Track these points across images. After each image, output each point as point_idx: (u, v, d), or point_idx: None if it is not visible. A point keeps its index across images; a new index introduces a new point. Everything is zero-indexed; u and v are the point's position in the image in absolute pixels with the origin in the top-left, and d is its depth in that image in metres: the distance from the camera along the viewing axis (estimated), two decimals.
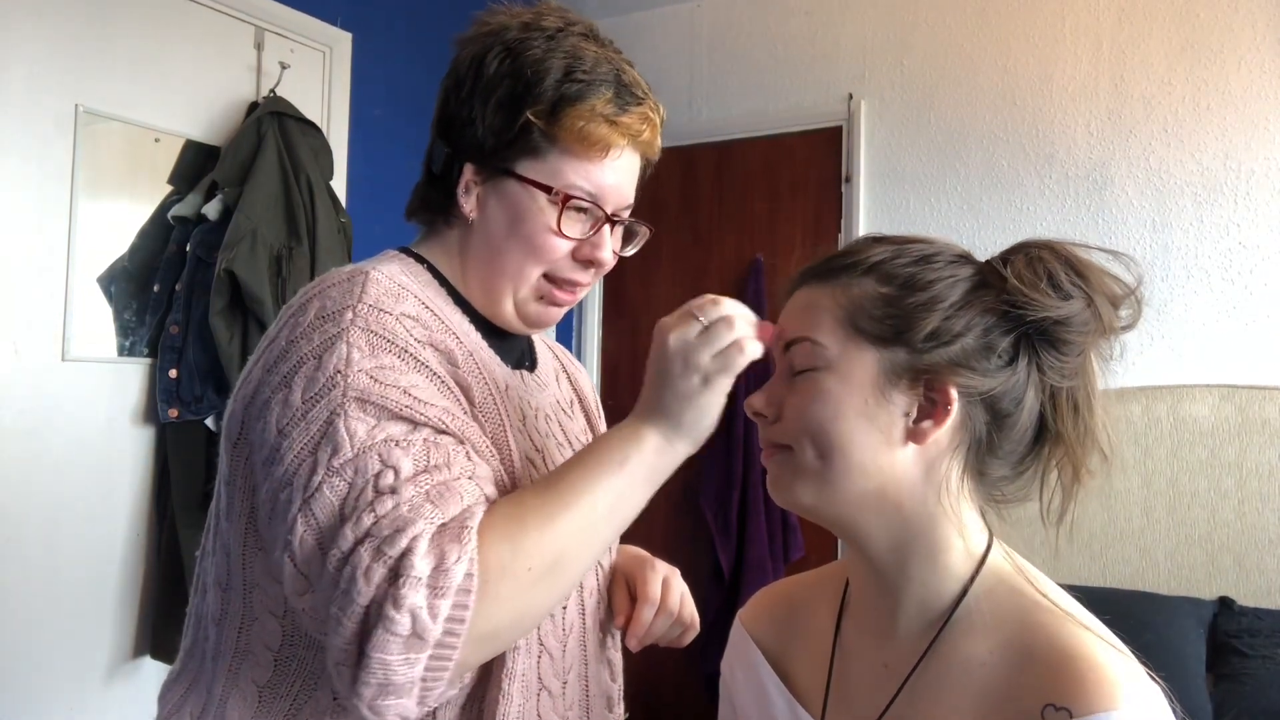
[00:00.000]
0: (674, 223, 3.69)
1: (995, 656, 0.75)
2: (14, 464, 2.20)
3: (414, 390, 0.82)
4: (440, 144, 1.00)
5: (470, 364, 0.92)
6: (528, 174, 0.95)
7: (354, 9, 2.96)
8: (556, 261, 0.98)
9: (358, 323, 0.84)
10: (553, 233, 0.96)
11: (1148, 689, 0.71)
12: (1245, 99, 2.78)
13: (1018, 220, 3.05)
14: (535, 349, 1.14)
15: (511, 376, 1.02)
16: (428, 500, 0.76)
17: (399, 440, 0.79)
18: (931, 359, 0.77)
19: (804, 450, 0.79)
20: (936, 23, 3.21)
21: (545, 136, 0.95)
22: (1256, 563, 2.63)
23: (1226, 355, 2.76)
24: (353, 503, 0.76)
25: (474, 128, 0.96)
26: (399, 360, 0.84)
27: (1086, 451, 0.79)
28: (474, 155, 0.97)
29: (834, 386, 0.78)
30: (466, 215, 0.98)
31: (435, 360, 0.87)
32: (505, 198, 0.97)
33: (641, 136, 0.99)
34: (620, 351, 3.78)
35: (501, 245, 0.97)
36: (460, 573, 0.73)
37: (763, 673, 0.91)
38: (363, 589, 0.72)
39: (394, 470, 0.77)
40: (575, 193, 0.96)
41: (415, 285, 0.94)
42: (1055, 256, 0.78)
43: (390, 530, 0.74)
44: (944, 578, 0.80)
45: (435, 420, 0.82)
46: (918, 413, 0.78)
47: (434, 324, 0.90)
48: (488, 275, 0.99)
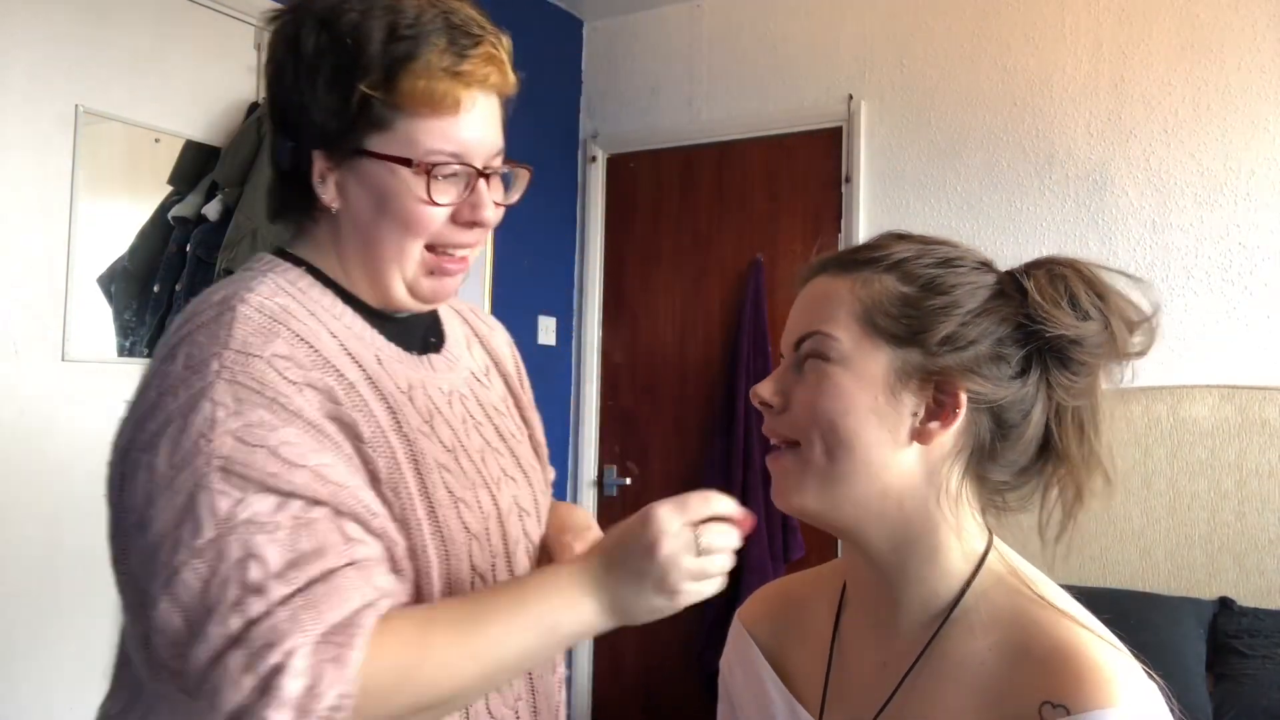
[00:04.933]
0: (674, 223, 3.69)
1: (993, 654, 0.75)
2: (14, 464, 2.20)
3: (284, 450, 0.78)
4: (281, 138, 0.92)
5: (356, 394, 0.86)
6: (381, 149, 0.88)
7: None
8: (436, 231, 0.91)
9: (223, 375, 0.79)
10: (425, 203, 0.89)
11: (1145, 686, 0.71)
12: (1245, 99, 2.78)
13: (1018, 220, 3.05)
14: (441, 323, 1.06)
15: (416, 369, 0.96)
16: (305, 606, 0.72)
17: (264, 523, 0.75)
18: (944, 362, 0.77)
19: (811, 446, 0.78)
20: (936, 23, 3.21)
21: (387, 106, 0.87)
22: (1256, 563, 2.63)
23: (1226, 356, 2.76)
24: (218, 594, 0.72)
25: (309, 113, 0.88)
26: (269, 414, 0.79)
27: (1090, 472, 0.80)
28: (319, 142, 0.89)
29: (846, 381, 0.78)
30: (329, 206, 0.91)
31: (313, 404, 0.82)
32: (365, 179, 0.90)
33: (490, 80, 0.91)
34: (620, 351, 3.78)
35: (374, 229, 0.91)
36: (333, 697, 0.70)
37: (761, 671, 0.91)
38: (230, 696, 0.70)
39: (259, 561, 0.73)
40: (437, 158, 0.88)
41: (295, 300, 0.89)
42: (1078, 276, 0.78)
43: (262, 643, 0.71)
44: (943, 577, 0.80)
45: (305, 489, 0.77)
46: (925, 413, 0.78)
47: (308, 360, 0.84)
48: (368, 262, 0.93)
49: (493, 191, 0.94)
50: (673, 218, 3.70)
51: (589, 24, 3.86)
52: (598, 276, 3.81)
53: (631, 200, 3.79)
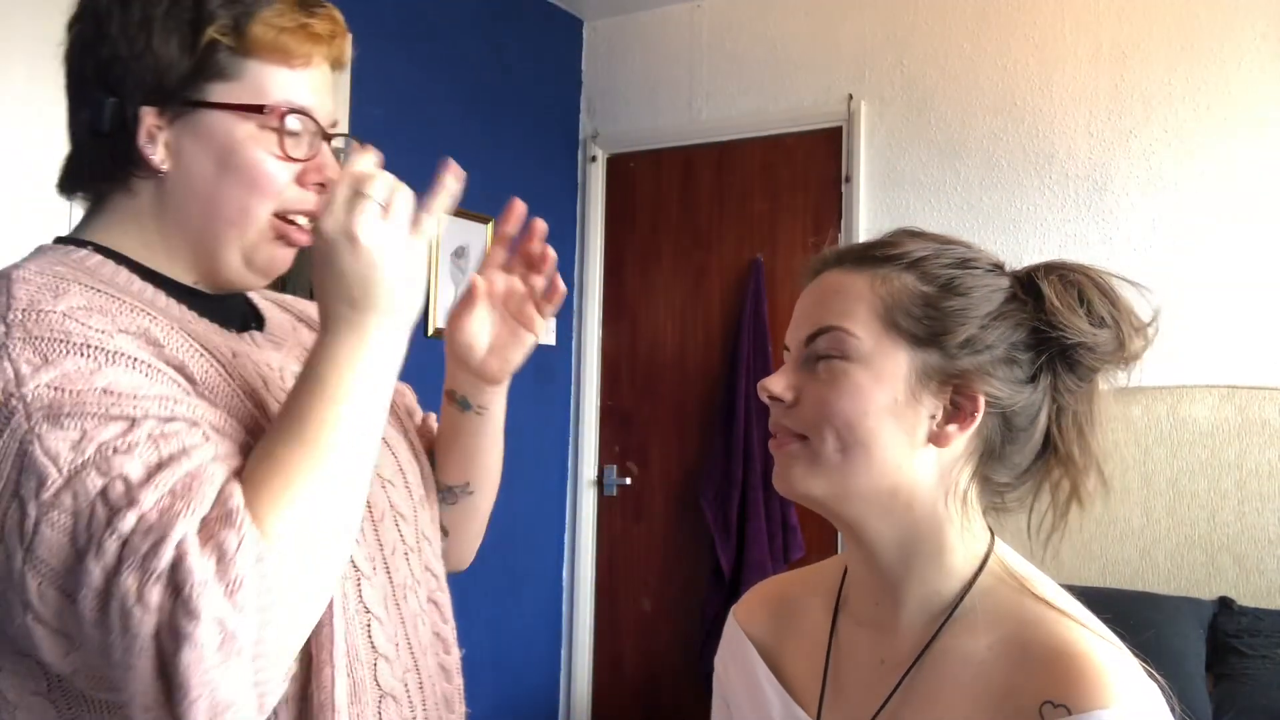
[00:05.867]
0: (674, 223, 3.69)
1: (994, 653, 0.75)
2: None
3: (115, 387, 0.70)
4: (100, 94, 0.82)
5: (177, 339, 0.80)
6: (227, 99, 0.82)
7: (354, 9, 2.96)
8: (283, 194, 0.85)
9: (15, 334, 0.71)
10: (276, 158, 0.83)
11: (1145, 686, 0.71)
12: (1245, 99, 2.78)
13: (1018, 220, 3.05)
14: (258, 309, 1.00)
15: (239, 341, 0.89)
16: (177, 498, 0.66)
17: (116, 445, 0.68)
18: (962, 365, 0.77)
19: (824, 442, 0.77)
20: (936, 23, 3.20)
21: (235, 53, 0.82)
22: (1256, 563, 2.63)
23: (1226, 356, 2.76)
24: (85, 532, 0.65)
25: (140, 63, 0.81)
26: (84, 360, 0.71)
27: (1088, 474, 0.80)
28: (150, 96, 0.82)
29: (865, 381, 0.77)
30: (157, 168, 0.83)
31: (132, 345, 0.75)
32: (204, 134, 0.83)
33: (335, 42, 0.88)
34: (620, 351, 3.78)
35: (214, 189, 0.83)
36: (250, 557, 0.65)
37: (757, 669, 0.91)
38: (142, 619, 0.63)
39: (122, 479, 0.66)
40: (291, 107, 0.83)
41: (75, 271, 0.80)
42: (1090, 282, 0.79)
43: (148, 545, 0.64)
44: (946, 576, 0.80)
45: (154, 411, 0.70)
46: (944, 416, 0.78)
47: (114, 307, 0.77)
48: (204, 228, 0.85)
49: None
50: (673, 218, 3.70)
51: (589, 24, 3.86)
52: (598, 276, 3.81)
53: (631, 200, 3.79)
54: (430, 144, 3.17)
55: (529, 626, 3.61)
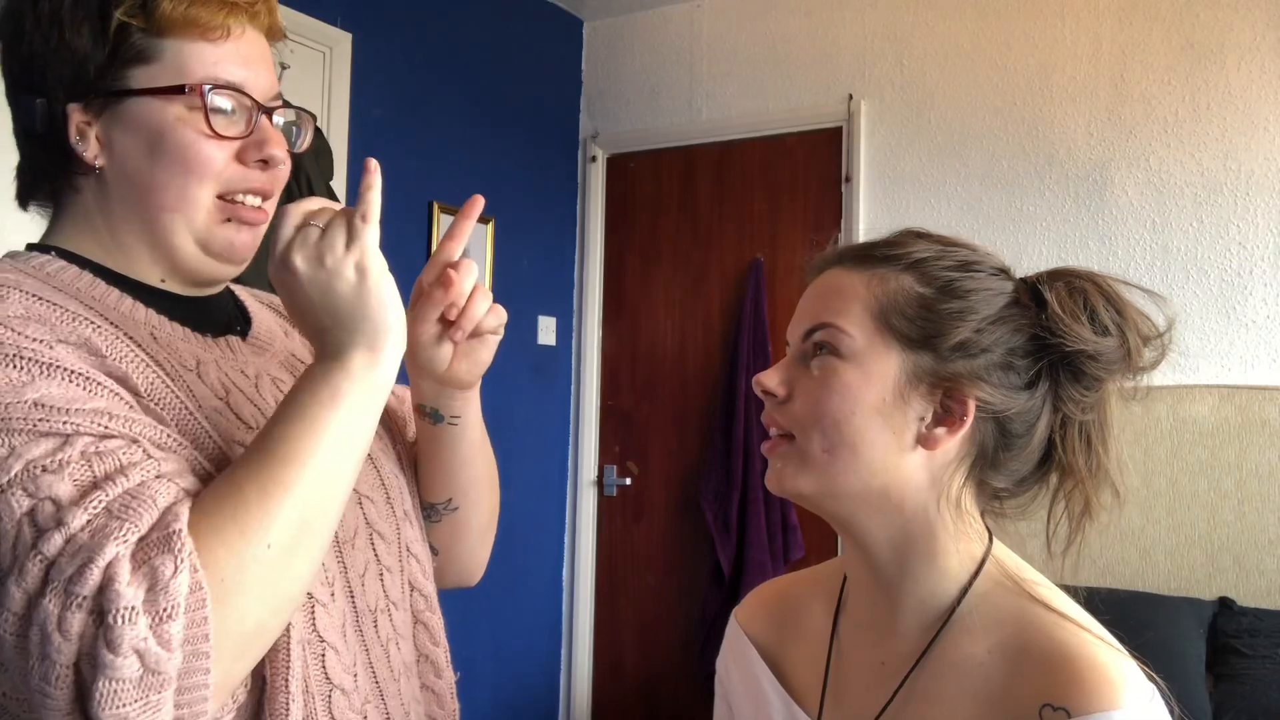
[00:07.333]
0: (674, 223, 3.69)
1: (993, 656, 0.75)
2: None
3: (48, 400, 0.67)
4: (29, 96, 0.80)
5: (122, 349, 0.76)
6: (148, 83, 0.79)
7: (354, 9, 2.96)
8: (223, 174, 0.82)
9: None
10: (206, 137, 0.80)
11: (1145, 689, 0.71)
12: (1245, 99, 2.78)
13: (1018, 220, 3.05)
14: (248, 312, 0.96)
15: (210, 347, 0.86)
16: (112, 518, 0.62)
17: (45, 464, 0.64)
18: (955, 368, 0.77)
19: (810, 441, 0.78)
20: (936, 23, 3.21)
21: (149, 34, 0.79)
22: (1256, 563, 2.63)
23: (1226, 356, 2.76)
24: (9, 555, 0.62)
25: (57, 61, 0.79)
26: (18, 373, 0.68)
27: (1099, 487, 0.80)
28: (73, 91, 0.79)
29: (854, 380, 0.77)
30: (92, 165, 0.81)
31: (72, 356, 0.71)
32: (131, 123, 0.80)
33: (259, 13, 0.83)
34: (620, 351, 3.78)
35: (149, 178, 0.80)
36: (184, 584, 0.61)
37: (758, 671, 0.91)
38: (61, 646, 0.59)
39: (51, 500, 0.63)
40: (215, 82, 0.80)
41: (31, 277, 0.78)
42: (1097, 290, 0.78)
43: (74, 568, 0.60)
44: (942, 578, 0.80)
45: (88, 427, 0.67)
46: (933, 419, 0.77)
47: (55, 316, 0.74)
48: (149, 220, 0.82)
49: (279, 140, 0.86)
50: (673, 218, 3.70)
51: (589, 24, 3.86)
52: (598, 276, 3.81)
53: (631, 200, 3.79)
54: (430, 144, 3.17)
55: (529, 626, 3.61)
